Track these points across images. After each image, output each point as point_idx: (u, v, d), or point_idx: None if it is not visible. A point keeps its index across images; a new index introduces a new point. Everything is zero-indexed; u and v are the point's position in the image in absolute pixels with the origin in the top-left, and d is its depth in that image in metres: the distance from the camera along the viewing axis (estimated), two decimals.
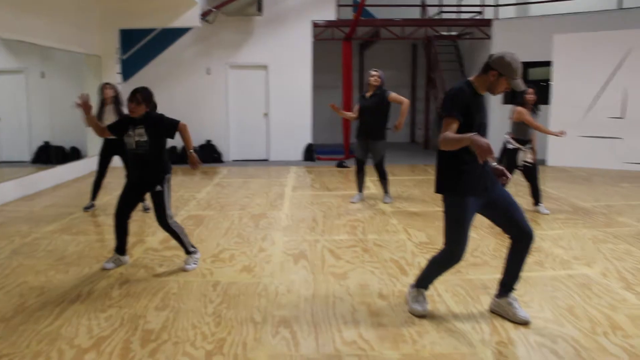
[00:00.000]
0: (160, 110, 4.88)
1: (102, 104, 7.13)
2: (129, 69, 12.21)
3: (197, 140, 12.39)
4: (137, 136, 4.61)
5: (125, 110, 5.47)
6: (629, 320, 3.71)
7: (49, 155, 10.11)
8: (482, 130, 3.48)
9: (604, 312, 3.86)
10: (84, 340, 3.40)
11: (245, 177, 10.29)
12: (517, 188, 8.10)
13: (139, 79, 12.22)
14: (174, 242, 5.37)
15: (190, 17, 11.19)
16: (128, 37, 11.94)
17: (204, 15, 11.59)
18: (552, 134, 7.10)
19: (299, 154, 12.84)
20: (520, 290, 4.17)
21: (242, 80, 12.70)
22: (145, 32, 11.97)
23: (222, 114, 12.68)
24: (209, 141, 12.67)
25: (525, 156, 6.77)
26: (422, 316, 3.73)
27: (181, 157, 12.31)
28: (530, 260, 4.98)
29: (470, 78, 3.51)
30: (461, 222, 3.50)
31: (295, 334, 3.48)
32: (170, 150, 12.11)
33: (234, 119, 12.78)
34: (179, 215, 6.89)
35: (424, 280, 3.83)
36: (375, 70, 7.39)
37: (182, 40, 12.39)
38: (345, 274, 4.66)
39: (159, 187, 4.67)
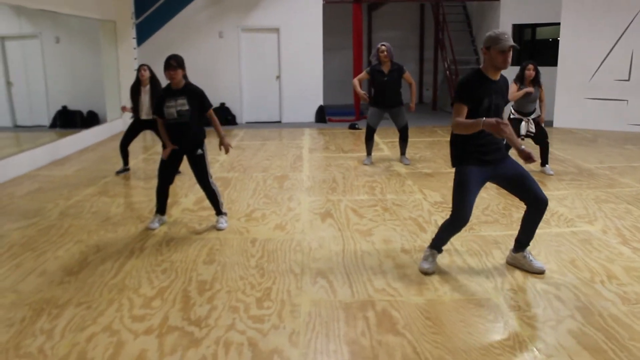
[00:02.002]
0: None
1: (138, 84, 7.32)
2: (142, 34, 12.54)
3: (212, 103, 12.72)
4: (179, 106, 4.99)
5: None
6: (623, 270, 4.19)
7: (68, 119, 10.49)
8: (496, 111, 3.87)
9: (602, 264, 4.33)
10: (147, 289, 3.89)
11: (261, 139, 10.71)
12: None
13: (152, 44, 12.56)
14: (207, 203, 5.83)
15: None
16: (141, 2, 12.21)
17: None
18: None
19: (311, 116, 13.22)
20: (530, 245, 4.66)
21: (254, 43, 13.00)
22: None
23: (235, 77, 13.02)
24: (222, 104, 13.04)
25: (527, 127, 7.20)
26: (428, 274, 4.12)
27: None
28: None
29: (481, 66, 3.89)
30: (463, 188, 3.93)
31: (332, 283, 3.98)
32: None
33: (246, 81, 13.13)
34: None
35: (437, 242, 4.23)
36: (384, 45, 7.71)
37: (194, 4, 12.65)
38: (370, 230, 5.15)
39: (200, 151, 5.13)
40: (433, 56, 16.04)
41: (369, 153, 8.22)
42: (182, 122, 5.04)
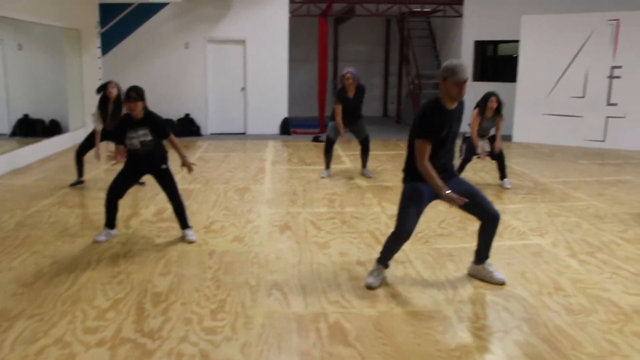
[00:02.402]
0: (138, 84, 5.19)
1: (105, 101, 7.12)
2: (107, 43, 12.48)
3: (175, 114, 12.78)
4: (142, 137, 5.01)
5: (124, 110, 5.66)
6: (570, 282, 4.34)
7: (29, 128, 10.35)
8: (452, 137, 4.04)
9: (551, 276, 4.48)
10: (102, 301, 3.89)
11: (225, 151, 10.73)
12: (484, 163, 8.73)
13: (118, 53, 12.52)
14: (167, 214, 5.87)
15: None
16: (107, 11, 12.17)
17: None
18: (475, 143, 7.49)
19: (275, 128, 13.29)
20: None
21: (220, 54, 13.05)
22: (124, 5, 12.21)
23: (201, 88, 13.03)
24: (187, 115, 13.02)
25: (484, 147, 7.46)
26: (372, 288, 4.17)
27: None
28: None
29: (439, 95, 4.00)
30: (409, 203, 4.04)
31: (286, 295, 4.03)
32: None
33: (212, 93, 13.15)
34: None
35: (383, 257, 4.30)
36: (350, 72, 7.82)
37: (160, 14, 12.64)
38: (327, 243, 5.22)
39: (164, 166, 5.18)
40: (398, 70, 16.28)
41: (327, 166, 8.33)
42: (145, 151, 5.07)
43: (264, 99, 13.15)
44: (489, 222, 4.16)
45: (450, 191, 3.84)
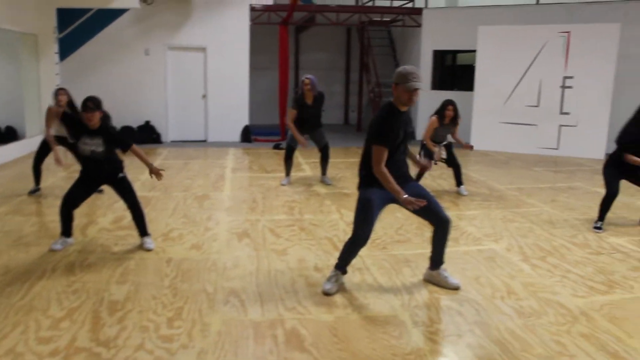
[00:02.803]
0: (97, 91, 5.19)
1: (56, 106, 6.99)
2: (65, 49, 12.31)
3: (135, 121, 12.67)
4: (94, 146, 4.96)
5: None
6: (522, 286, 4.47)
7: None
8: (404, 139, 4.10)
9: (504, 280, 4.61)
10: (56, 311, 3.85)
11: (185, 158, 10.68)
12: (441, 171, 8.89)
13: (76, 59, 12.35)
14: (125, 222, 5.83)
15: None
16: (65, 16, 12.01)
17: None
18: (430, 148, 7.57)
19: (236, 135, 13.28)
20: None
21: (181, 61, 12.99)
22: (82, 11, 12.08)
23: (161, 95, 12.94)
24: (147, 122, 12.91)
25: (440, 153, 7.62)
26: (330, 294, 4.22)
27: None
28: None
29: (392, 99, 4.08)
30: (365, 209, 4.10)
31: (243, 302, 4.05)
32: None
33: (172, 100, 13.07)
34: None
35: (340, 263, 4.35)
36: (308, 78, 7.89)
37: (120, 20, 12.51)
38: (285, 250, 5.26)
39: (121, 174, 5.15)
40: (358, 78, 16.44)
41: (287, 173, 8.38)
42: (95, 159, 5.04)
43: (225, 106, 13.13)
44: (440, 228, 4.27)
45: (407, 195, 3.92)
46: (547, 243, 5.64)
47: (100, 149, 4.98)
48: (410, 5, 14.19)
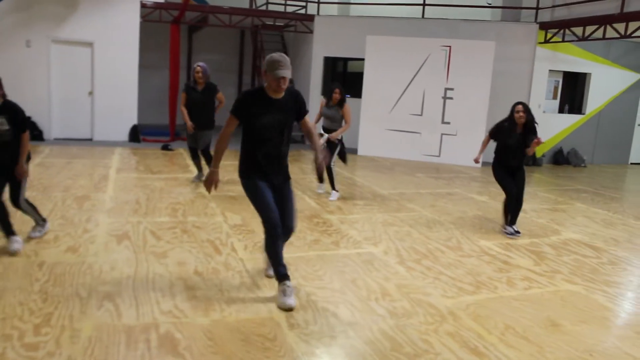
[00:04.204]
0: None
1: None
2: None
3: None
4: None
5: None
6: (396, 288, 4.68)
7: None
8: (280, 126, 4.14)
9: (379, 282, 4.79)
10: None
11: (68, 157, 10.25)
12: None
13: None
14: None
15: None
16: None
17: None
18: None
19: (124, 135, 12.89)
20: (316, 266, 5.06)
21: (66, 56, 12.43)
22: None
23: (44, 90, 12.31)
24: (28, 117, 12.19)
25: (324, 139, 7.71)
26: (290, 309, 4.14)
27: None
28: (328, 240, 5.91)
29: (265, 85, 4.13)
30: (258, 195, 4.15)
31: (118, 307, 3.97)
32: None
33: (56, 95, 12.48)
34: None
35: (274, 268, 4.27)
36: (199, 65, 7.92)
37: None
38: (165, 253, 5.19)
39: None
40: (251, 81, 16.46)
41: (199, 169, 8.50)
42: (1, 142, 4.79)
43: (112, 104, 12.71)
44: (284, 233, 4.28)
45: (212, 172, 4.26)
46: (423, 246, 5.93)
47: (5, 127, 4.76)
48: (302, 11, 14.39)
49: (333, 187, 7.94)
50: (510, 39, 12.54)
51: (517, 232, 6.59)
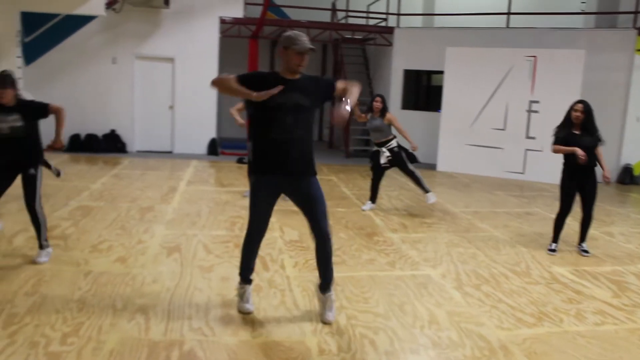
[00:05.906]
0: (63, 98, 5.02)
1: None
2: (31, 53, 12.12)
3: (101, 129, 12.53)
4: (12, 122, 4.75)
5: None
6: (447, 315, 4.29)
7: None
8: (297, 109, 3.77)
9: (429, 308, 4.42)
10: None
11: (144, 169, 10.50)
12: (399, 192, 8.76)
13: (43, 64, 12.21)
14: (57, 232, 5.63)
15: (95, 5, 11.13)
16: (31, 20, 11.83)
17: (110, 5, 11.65)
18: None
19: (203, 148, 13.12)
20: (364, 287, 4.76)
21: (149, 71, 12.84)
22: (49, 16, 11.92)
23: (128, 104, 12.78)
24: (113, 131, 12.73)
25: (382, 157, 7.56)
26: (247, 313, 4.04)
27: (83, 144, 12.36)
28: (384, 260, 5.59)
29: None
30: (253, 199, 3.92)
31: (148, 320, 3.87)
32: (72, 138, 12.15)
33: (139, 109, 12.91)
34: (68, 205, 7.10)
35: (241, 270, 4.11)
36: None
37: (88, 27, 12.37)
38: (211, 267, 5.08)
39: (32, 171, 4.88)
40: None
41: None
42: (15, 137, 4.81)
43: (192, 118, 12.98)
44: (317, 239, 3.94)
45: (257, 93, 3.64)
46: (486, 270, 5.49)
47: (19, 124, 4.78)
48: (383, 24, 14.16)
49: (425, 190, 7.78)
50: (604, 46, 11.70)
51: (586, 251, 6.05)
